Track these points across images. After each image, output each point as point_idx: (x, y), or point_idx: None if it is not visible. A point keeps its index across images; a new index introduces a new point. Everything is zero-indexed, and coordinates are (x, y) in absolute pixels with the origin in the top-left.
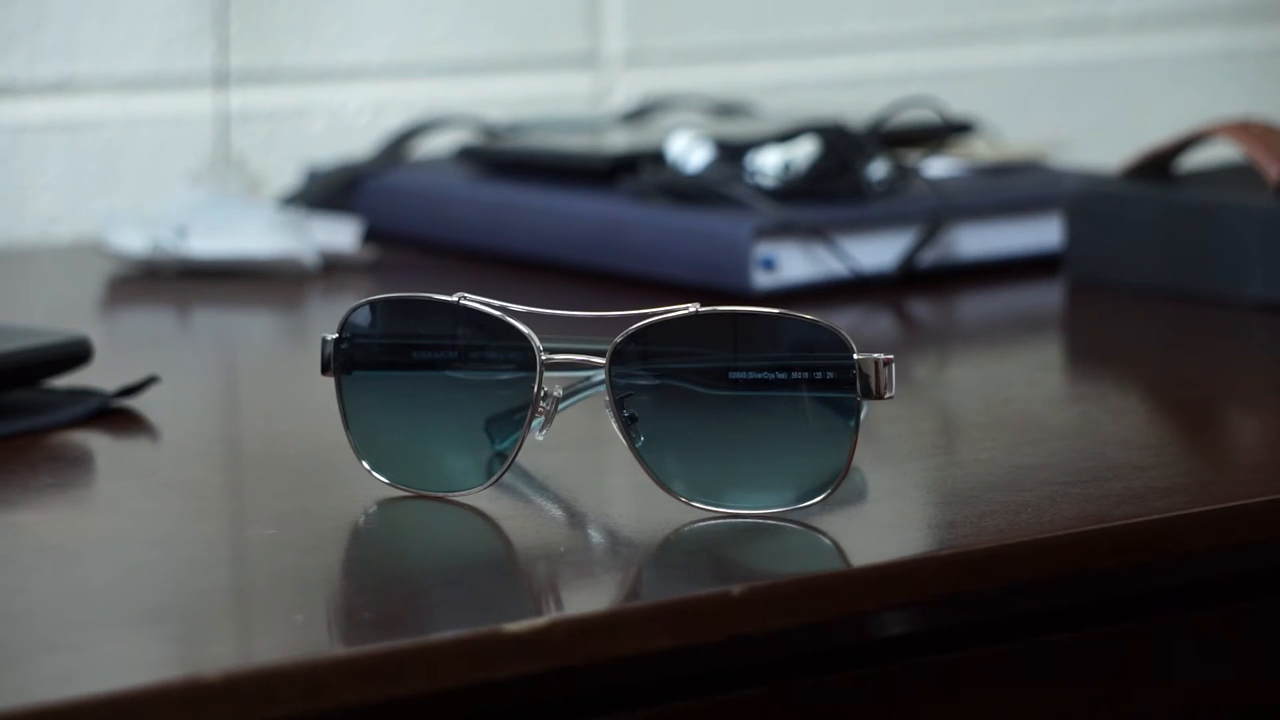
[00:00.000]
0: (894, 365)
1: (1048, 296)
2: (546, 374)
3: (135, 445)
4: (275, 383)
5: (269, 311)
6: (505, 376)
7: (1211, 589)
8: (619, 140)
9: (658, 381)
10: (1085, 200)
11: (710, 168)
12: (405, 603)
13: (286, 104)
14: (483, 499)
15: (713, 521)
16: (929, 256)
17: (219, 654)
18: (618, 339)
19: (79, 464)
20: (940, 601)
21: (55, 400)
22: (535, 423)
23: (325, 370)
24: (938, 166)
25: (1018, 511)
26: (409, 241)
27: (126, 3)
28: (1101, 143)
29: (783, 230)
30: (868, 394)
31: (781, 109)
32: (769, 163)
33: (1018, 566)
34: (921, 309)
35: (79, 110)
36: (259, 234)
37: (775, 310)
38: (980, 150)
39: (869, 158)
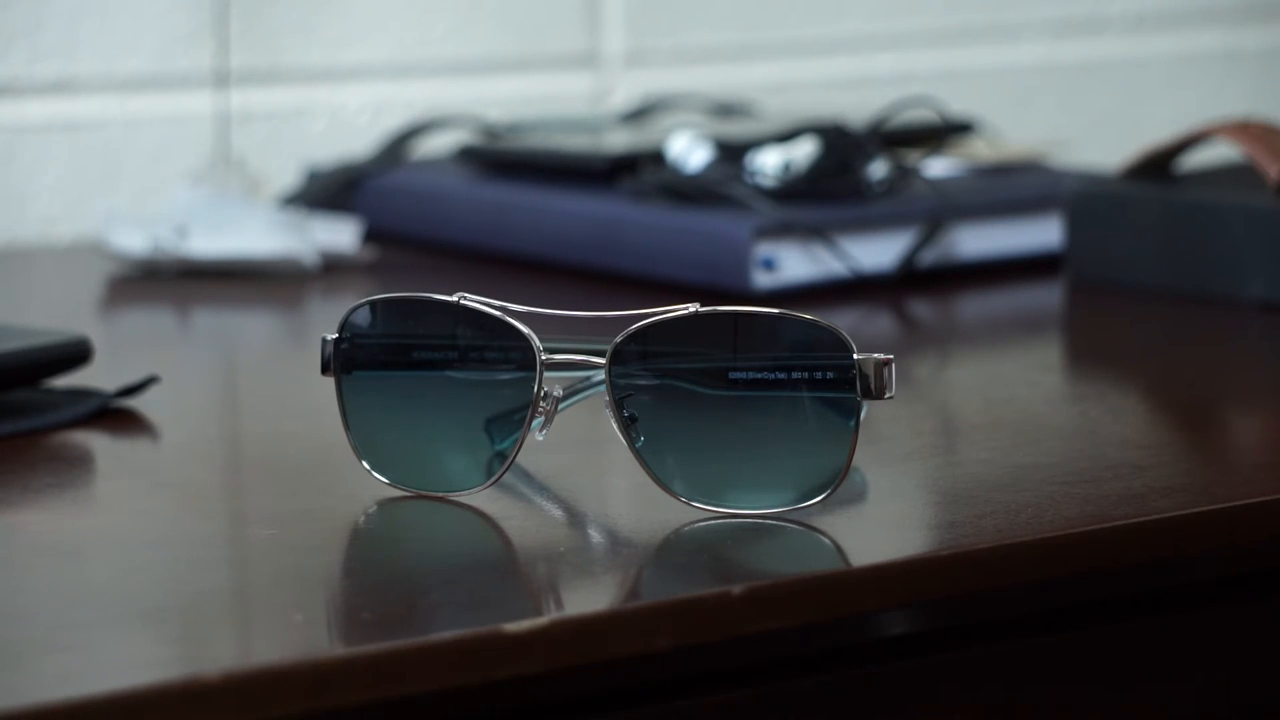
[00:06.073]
0: (894, 365)
1: (1048, 296)
2: (546, 374)
3: (135, 445)
4: (275, 383)
5: (269, 311)
6: (505, 376)
7: (1212, 589)
8: (619, 140)
9: (658, 381)
10: (1085, 200)
11: (710, 168)
12: (405, 603)
13: (286, 104)
14: (483, 499)
15: (713, 521)
16: (929, 256)
17: (219, 654)
18: (618, 339)
19: (79, 464)
20: (940, 601)
21: (55, 400)
22: (535, 423)
23: (325, 370)
24: (938, 166)
25: (1018, 511)
26: (409, 241)
27: (126, 3)
28: (1101, 143)
29: (783, 230)
30: (868, 394)
31: (781, 109)
32: (769, 163)
33: (1018, 566)
34: (921, 309)
35: (79, 110)
36: (259, 234)
37: (775, 310)
38: (980, 150)
39: (869, 158)
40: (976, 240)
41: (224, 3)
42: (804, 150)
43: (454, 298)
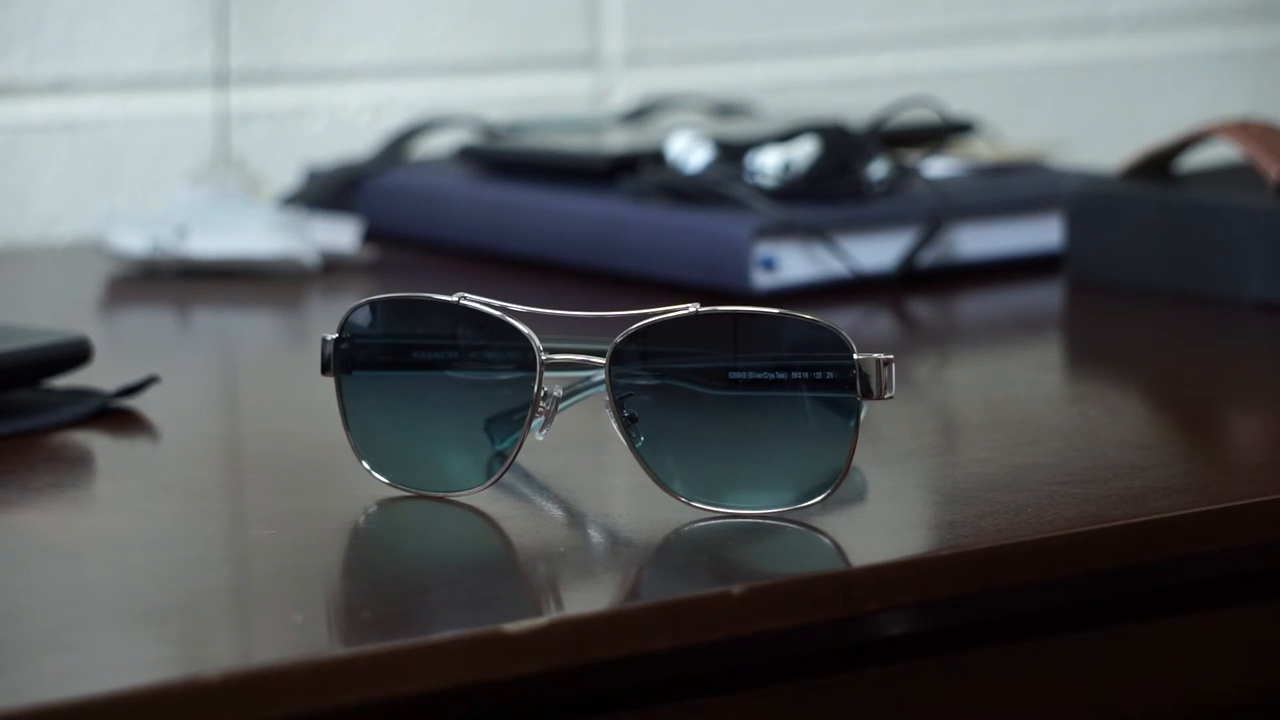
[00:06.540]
0: (894, 365)
1: (1048, 296)
2: (546, 374)
3: (135, 445)
4: (275, 383)
5: (269, 311)
6: (505, 376)
7: (1211, 589)
8: (619, 140)
9: (658, 381)
10: (1085, 200)
11: (710, 168)
12: (405, 603)
13: (286, 104)
14: (483, 499)
15: (713, 521)
16: (929, 256)
17: (219, 654)
18: (618, 339)
19: (79, 464)
20: (940, 601)
21: (55, 400)
22: (535, 423)
23: (325, 370)
24: (938, 166)
25: (1018, 511)
26: (409, 241)
27: (126, 3)
28: (1101, 143)
29: (783, 230)
30: (868, 394)
31: (781, 109)
32: (769, 163)
33: (1018, 566)
34: (921, 309)
35: (79, 110)
36: (259, 234)
37: (775, 310)
38: (980, 150)
39: (869, 158)
40: (976, 240)
41: (224, 3)
42: (804, 150)
43: (454, 298)
